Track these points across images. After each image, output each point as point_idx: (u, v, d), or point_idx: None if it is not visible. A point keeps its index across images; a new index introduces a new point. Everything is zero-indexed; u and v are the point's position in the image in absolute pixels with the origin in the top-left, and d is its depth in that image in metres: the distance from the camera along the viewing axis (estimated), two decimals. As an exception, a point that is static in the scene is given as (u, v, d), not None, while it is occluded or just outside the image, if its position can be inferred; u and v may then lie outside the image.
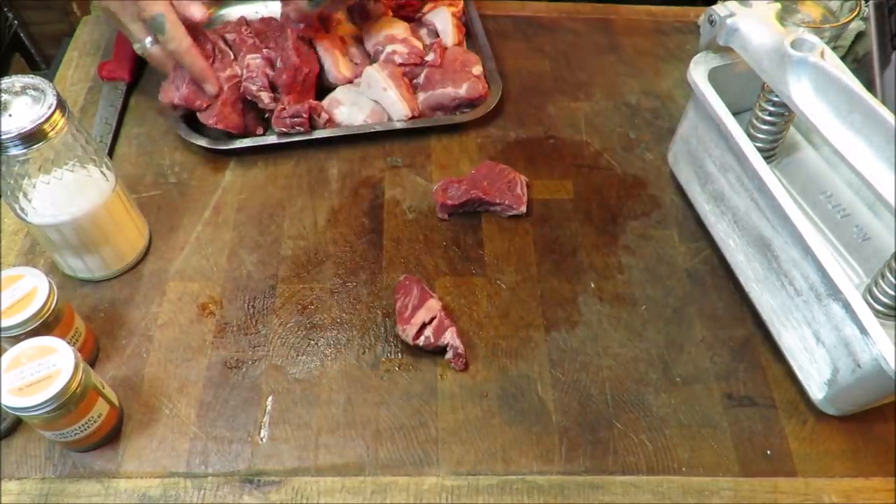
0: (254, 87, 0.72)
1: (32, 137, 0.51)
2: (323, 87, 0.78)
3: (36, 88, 0.53)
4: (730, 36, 0.59)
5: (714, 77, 0.62)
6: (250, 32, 0.76)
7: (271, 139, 0.73)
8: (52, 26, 1.54)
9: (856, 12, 0.63)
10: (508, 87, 0.81)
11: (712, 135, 0.63)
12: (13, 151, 0.51)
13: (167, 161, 0.73)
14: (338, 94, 0.77)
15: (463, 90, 0.75)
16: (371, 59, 0.80)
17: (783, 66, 0.54)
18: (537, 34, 0.88)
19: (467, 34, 0.84)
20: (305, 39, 0.76)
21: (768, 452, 0.55)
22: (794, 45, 0.54)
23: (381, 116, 0.75)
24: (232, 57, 0.74)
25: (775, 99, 0.60)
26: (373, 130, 0.74)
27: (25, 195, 0.55)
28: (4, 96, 0.52)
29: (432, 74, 0.77)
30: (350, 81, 0.78)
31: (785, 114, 0.62)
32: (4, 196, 0.56)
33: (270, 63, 0.74)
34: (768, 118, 0.62)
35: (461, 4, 0.85)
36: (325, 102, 0.76)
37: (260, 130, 0.75)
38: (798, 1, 0.66)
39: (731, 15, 0.59)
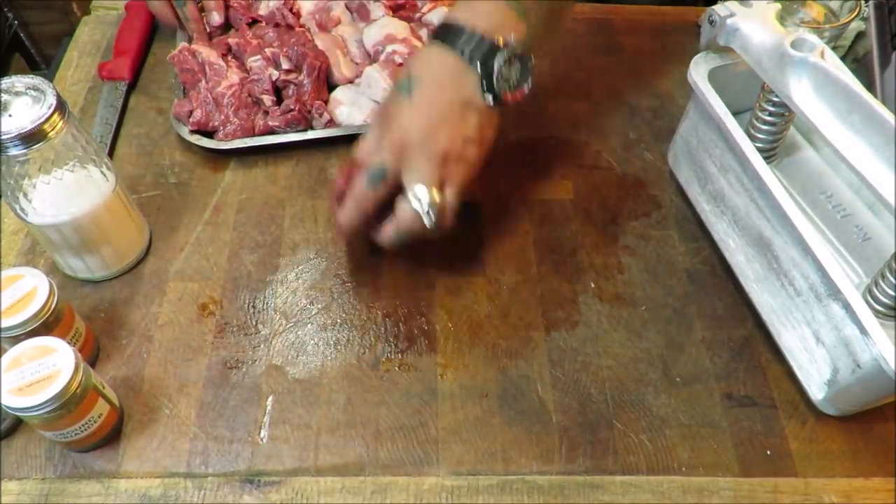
0: (258, 89, 0.73)
1: (32, 138, 0.51)
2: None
3: (36, 89, 0.53)
4: (730, 36, 0.59)
5: (714, 77, 0.62)
6: (252, 35, 0.76)
7: (271, 139, 0.73)
8: (52, 26, 1.54)
9: (856, 12, 0.63)
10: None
11: (712, 135, 0.63)
12: (13, 152, 0.51)
13: (167, 161, 0.73)
14: (338, 93, 0.76)
15: None
16: (371, 59, 0.80)
17: (783, 66, 0.54)
18: (537, 34, 0.88)
19: None
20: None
21: (768, 452, 0.55)
22: (794, 45, 0.54)
23: None
24: (225, 68, 0.74)
25: (775, 99, 0.60)
26: None
27: (25, 195, 0.55)
28: (4, 96, 0.52)
29: None
30: (350, 81, 0.78)
31: (785, 114, 0.62)
32: (4, 196, 0.56)
33: (274, 63, 0.75)
34: (768, 118, 0.62)
35: None
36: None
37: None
38: (799, 1, 0.66)
39: (731, 15, 0.59)
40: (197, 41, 0.78)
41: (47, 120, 0.51)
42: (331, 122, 0.74)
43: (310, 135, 0.73)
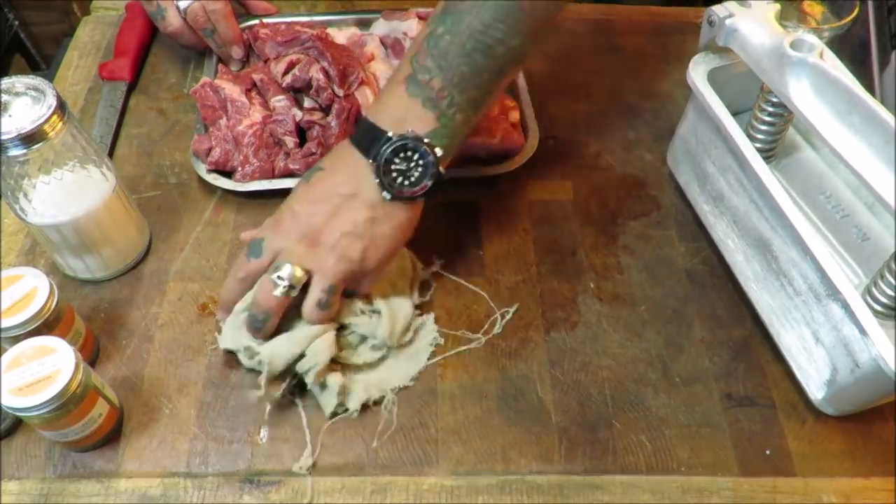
0: (280, 130, 0.70)
1: (32, 138, 0.51)
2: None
3: (36, 89, 0.53)
4: (729, 36, 0.59)
5: (714, 77, 0.63)
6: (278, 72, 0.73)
7: (290, 182, 0.68)
8: (52, 26, 1.54)
9: (855, 12, 0.63)
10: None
11: (712, 135, 0.63)
12: (13, 152, 0.51)
13: (167, 161, 0.73)
14: None
15: (497, 140, 0.69)
16: None
17: (782, 67, 0.54)
18: (537, 34, 0.88)
19: None
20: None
21: (767, 452, 0.55)
22: (793, 45, 0.54)
23: None
24: (248, 105, 0.72)
25: (775, 99, 0.60)
26: None
27: (25, 195, 0.55)
28: (4, 97, 0.52)
29: None
30: None
31: (784, 114, 0.62)
32: (4, 196, 0.56)
33: (297, 103, 0.72)
34: (768, 118, 0.62)
35: None
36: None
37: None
38: (798, 1, 0.66)
39: (731, 15, 0.59)
40: (222, 74, 0.75)
41: (47, 120, 0.51)
42: None
43: None
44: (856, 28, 0.77)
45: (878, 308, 0.52)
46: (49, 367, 0.48)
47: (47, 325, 0.53)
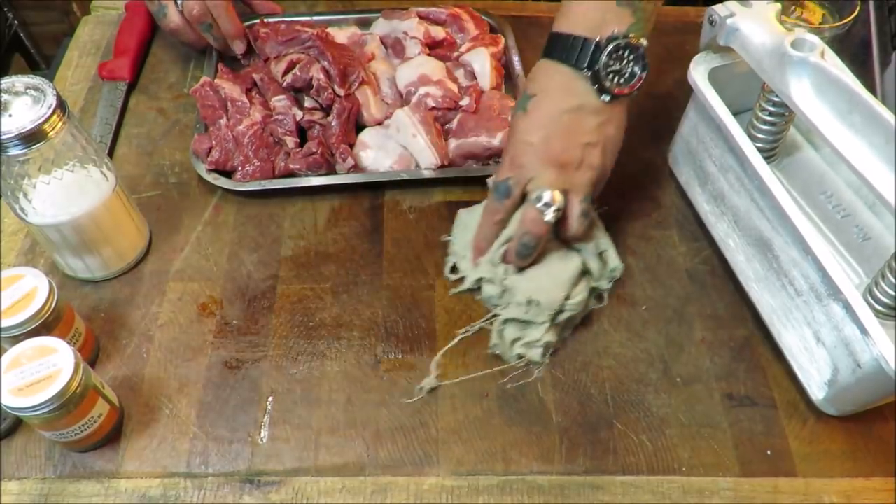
0: (280, 130, 0.70)
1: (32, 137, 0.51)
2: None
3: (36, 88, 0.53)
4: (730, 36, 0.59)
5: (714, 77, 0.62)
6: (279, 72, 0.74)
7: (290, 182, 0.69)
8: (52, 26, 1.54)
9: (855, 12, 0.63)
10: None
11: (712, 135, 0.63)
12: (13, 151, 0.51)
13: (167, 161, 0.73)
14: (365, 136, 0.72)
15: (497, 139, 0.70)
16: (403, 100, 0.75)
17: (783, 67, 0.54)
18: (538, 34, 0.88)
19: (506, 76, 0.79)
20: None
21: (768, 452, 0.55)
22: (794, 45, 0.54)
23: (408, 162, 0.71)
24: (248, 105, 0.72)
25: (775, 99, 0.60)
26: (399, 178, 0.70)
27: (25, 195, 0.55)
28: (4, 96, 0.52)
29: (466, 120, 0.72)
30: (380, 123, 0.74)
31: (785, 114, 0.62)
32: (4, 196, 0.56)
33: (297, 103, 0.72)
34: (768, 118, 0.62)
35: (502, 44, 0.80)
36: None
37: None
38: (798, 1, 0.66)
39: (731, 15, 0.59)
40: (222, 73, 0.75)
41: (47, 120, 0.51)
42: (355, 167, 0.70)
43: (331, 180, 0.69)
44: (857, 28, 0.77)
45: (880, 308, 0.52)
46: (49, 367, 0.48)
47: (47, 325, 0.53)
